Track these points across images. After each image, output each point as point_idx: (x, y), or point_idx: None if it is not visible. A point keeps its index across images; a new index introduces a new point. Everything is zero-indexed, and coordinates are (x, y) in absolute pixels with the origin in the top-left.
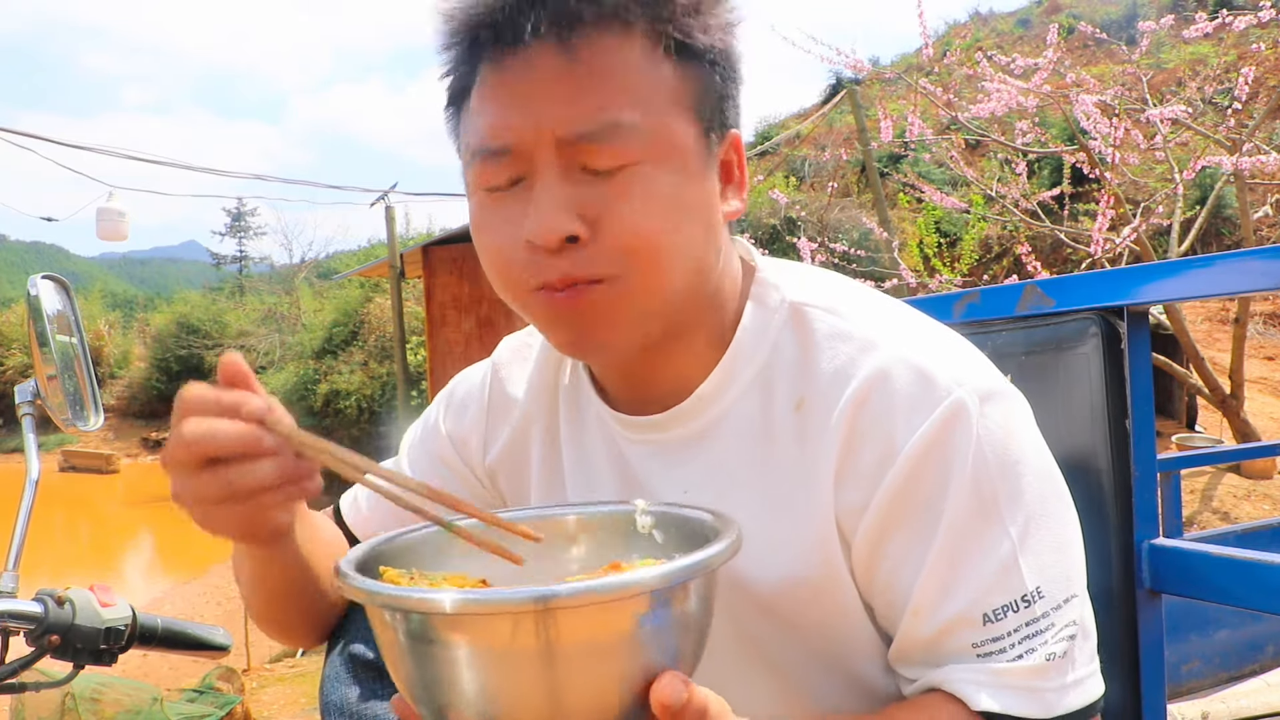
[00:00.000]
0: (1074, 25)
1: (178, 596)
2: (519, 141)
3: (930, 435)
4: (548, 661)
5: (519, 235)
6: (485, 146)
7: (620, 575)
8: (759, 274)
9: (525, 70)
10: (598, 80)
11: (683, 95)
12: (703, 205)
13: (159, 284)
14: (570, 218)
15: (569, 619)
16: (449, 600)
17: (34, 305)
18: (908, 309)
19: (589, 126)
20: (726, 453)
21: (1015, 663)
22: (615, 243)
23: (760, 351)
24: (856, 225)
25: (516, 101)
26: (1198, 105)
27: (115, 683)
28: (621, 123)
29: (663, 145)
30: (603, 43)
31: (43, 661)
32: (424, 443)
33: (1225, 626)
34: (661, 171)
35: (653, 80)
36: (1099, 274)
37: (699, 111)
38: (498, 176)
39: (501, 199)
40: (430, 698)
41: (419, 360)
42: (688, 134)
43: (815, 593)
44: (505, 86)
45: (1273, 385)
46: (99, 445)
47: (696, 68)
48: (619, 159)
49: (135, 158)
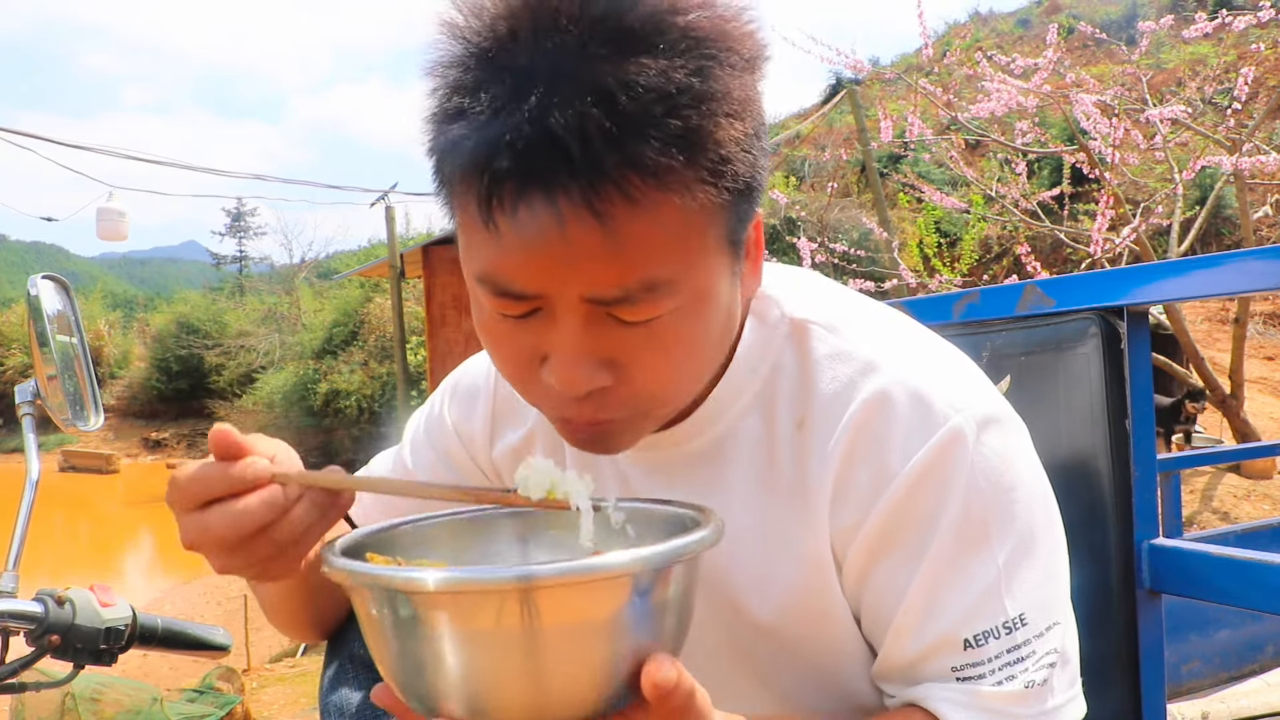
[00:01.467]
0: (1074, 25)
1: (178, 596)
2: (541, 292)
3: (926, 461)
4: (531, 642)
5: (535, 359)
6: (501, 289)
7: (604, 557)
8: (759, 288)
9: (553, 231)
10: (634, 249)
11: (719, 228)
12: (728, 317)
13: (159, 284)
14: (597, 370)
15: (551, 598)
16: (432, 579)
17: (34, 305)
18: (910, 324)
19: (622, 293)
20: (728, 471)
21: (995, 688)
22: (641, 387)
23: (761, 370)
24: (856, 225)
25: (540, 260)
26: (1197, 105)
27: (115, 683)
28: (656, 282)
29: (697, 291)
30: (642, 211)
31: (43, 661)
32: (428, 435)
33: (1225, 626)
34: (694, 315)
35: (689, 230)
36: (1099, 274)
37: (731, 237)
38: (513, 309)
39: (517, 324)
40: (414, 682)
41: (419, 360)
42: (722, 266)
43: (811, 611)
44: (528, 244)
45: (1272, 385)
46: (99, 445)
47: (733, 195)
48: (651, 313)
49: (135, 158)
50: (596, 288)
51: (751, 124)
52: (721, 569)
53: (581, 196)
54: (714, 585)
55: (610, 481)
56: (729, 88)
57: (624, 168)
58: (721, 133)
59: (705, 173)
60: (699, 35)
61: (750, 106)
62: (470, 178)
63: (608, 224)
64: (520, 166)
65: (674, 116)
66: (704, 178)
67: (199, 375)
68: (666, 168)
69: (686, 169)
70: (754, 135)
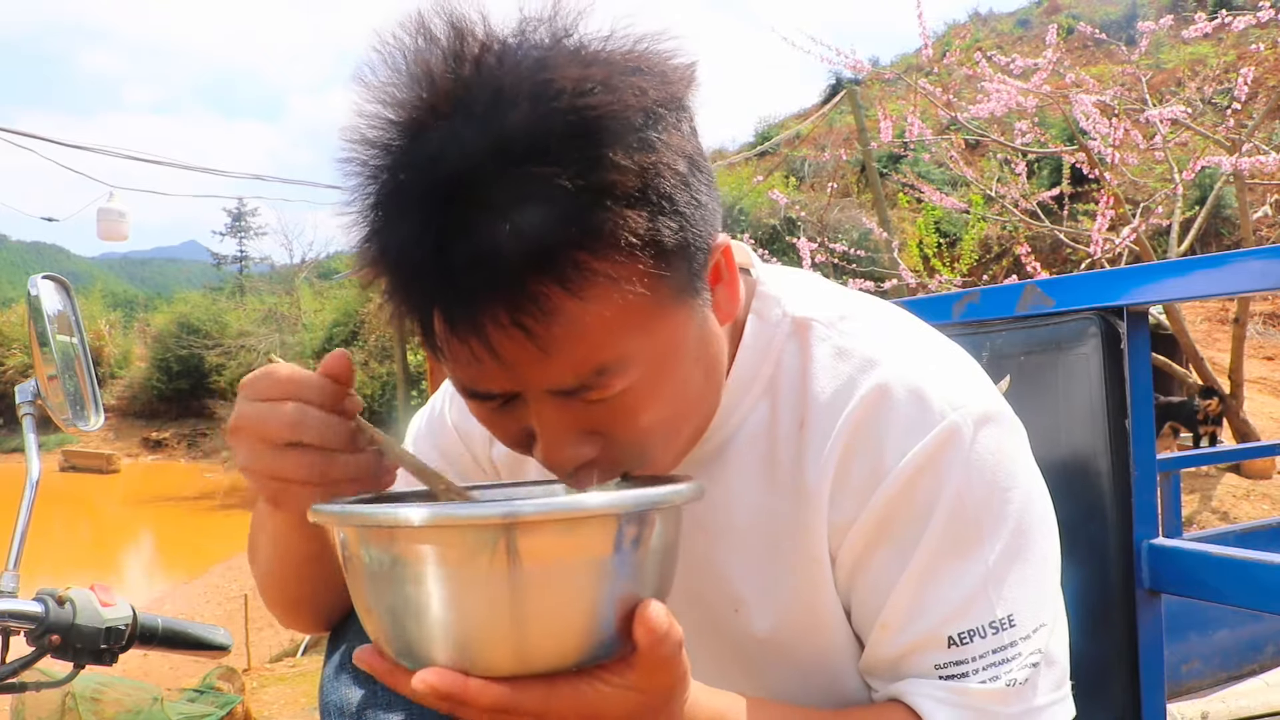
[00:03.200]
0: (1073, 25)
1: (178, 596)
2: (505, 390)
3: (921, 457)
4: (516, 581)
5: (524, 435)
6: (469, 391)
7: (587, 496)
8: (760, 286)
9: (484, 350)
10: (570, 346)
11: (662, 291)
12: (704, 352)
13: (159, 284)
14: (580, 444)
15: (536, 536)
16: (417, 515)
17: (34, 305)
18: (912, 322)
19: (576, 383)
20: (732, 472)
21: (978, 686)
22: (630, 449)
23: (763, 369)
24: (856, 225)
25: (487, 371)
26: (1197, 105)
27: (116, 682)
28: (607, 366)
29: (659, 355)
30: (563, 314)
31: (43, 661)
32: (430, 435)
33: (1225, 626)
34: (664, 375)
35: (628, 311)
36: (1098, 274)
37: (683, 288)
38: (489, 404)
39: (498, 411)
40: (399, 631)
41: (419, 360)
42: (680, 320)
43: (811, 612)
44: (471, 360)
45: (1272, 385)
46: (99, 445)
47: (664, 257)
48: (618, 387)
49: (136, 158)
50: (551, 383)
51: (670, 179)
52: (725, 569)
53: (507, 316)
54: (714, 582)
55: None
56: (629, 165)
57: (538, 282)
58: (630, 218)
59: (624, 259)
60: (588, 119)
61: (665, 160)
62: (400, 301)
63: (537, 336)
64: (439, 294)
65: (574, 222)
66: (625, 263)
67: (199, 375)
68: (580, 270)
69: (602, 264)
70: (677, 186)
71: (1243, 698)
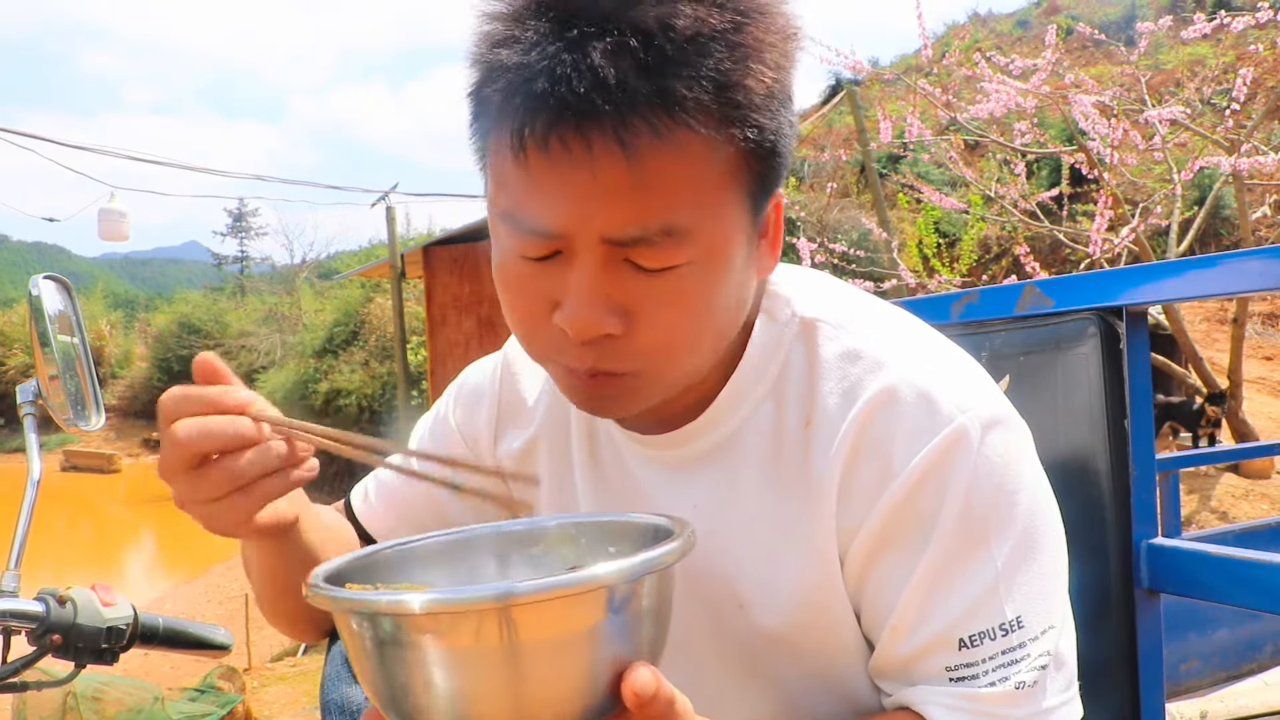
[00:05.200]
0: (1072, 26)
1: (179, 596)
2: (564, 231)
3: (929, 459)
4: (512, 657)
5: (548, 306)
6: (525, 225)
7: (578, 573)
8: (770, 286)
9: (582, 164)
10: (658, 188)
11: (740, 183)
12: (741, 287)
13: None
14: (608, 315)
15: (530, 614)
16: (416, 602)
17: (35, 305)
18: (918, 325)
19: (641, 233)
20: (737, 470)
21: (987, 689)
22: (649, 341)
23: (770, 368)
24: (856, 226)
25: (567, 195)
26: (1196, 106)
27: (117, 682)
28: (676, 228)
29: (714, 245)
30: (669, 148)
31: (44, 661)
32: (434, 437)
33: (1224, 626)
34: (708, 271)
35: (713, 179)
36: (1098, 274)
37: (753, 196)
38: (535, 250)
39: (535, 267)
40: (401, 703)
41: (419, 360)
42: (739, 225)
43: (817, 610)
44: (557, 176)
45: (1271, 385)
46: (100, 445)
47: (757, 151)
48: (668, 261)
49: (137, 158)
50: (616, 226)
51: (780, 92)
52: (729, 567)
53: (612, 129)
54: (721, 583)
55: (617, 484)
56: (761, 45)
57: (654, 103)
58: (751, 80)
59: (732, 119)
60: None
61: (780, 75)
62: (506, 107)
63: (634, 160)
64: (555, 95)
65: (706, 58)
66: (730, 124)
67: None
68: (695, 106)
69: (714, 111)
70: (782, 104)
71: (1241, 697)
